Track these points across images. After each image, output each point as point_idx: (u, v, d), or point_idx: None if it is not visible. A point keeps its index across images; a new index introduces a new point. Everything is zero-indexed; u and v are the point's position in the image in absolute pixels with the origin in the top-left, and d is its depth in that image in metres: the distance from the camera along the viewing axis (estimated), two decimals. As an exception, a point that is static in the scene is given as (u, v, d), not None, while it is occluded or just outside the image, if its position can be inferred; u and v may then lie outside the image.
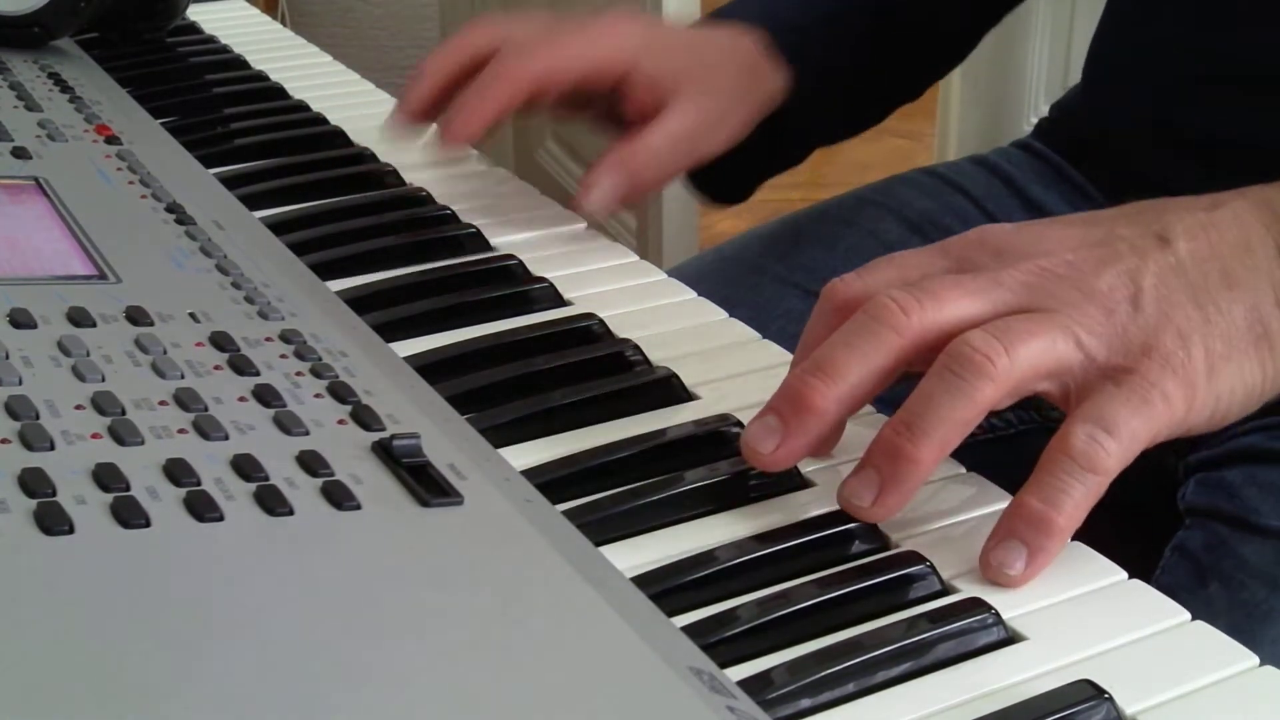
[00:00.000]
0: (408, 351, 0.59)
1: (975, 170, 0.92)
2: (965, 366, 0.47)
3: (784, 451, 0.49)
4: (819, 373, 0.49)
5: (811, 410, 0.49)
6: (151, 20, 0.96)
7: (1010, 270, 0.50)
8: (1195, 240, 0.51)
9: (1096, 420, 0.47)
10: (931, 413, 0.47)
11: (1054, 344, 0.48)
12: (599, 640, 0.40)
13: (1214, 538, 0.67)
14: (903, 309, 0.49)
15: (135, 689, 0.35)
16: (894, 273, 0.52)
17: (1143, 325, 0.49)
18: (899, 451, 0.47)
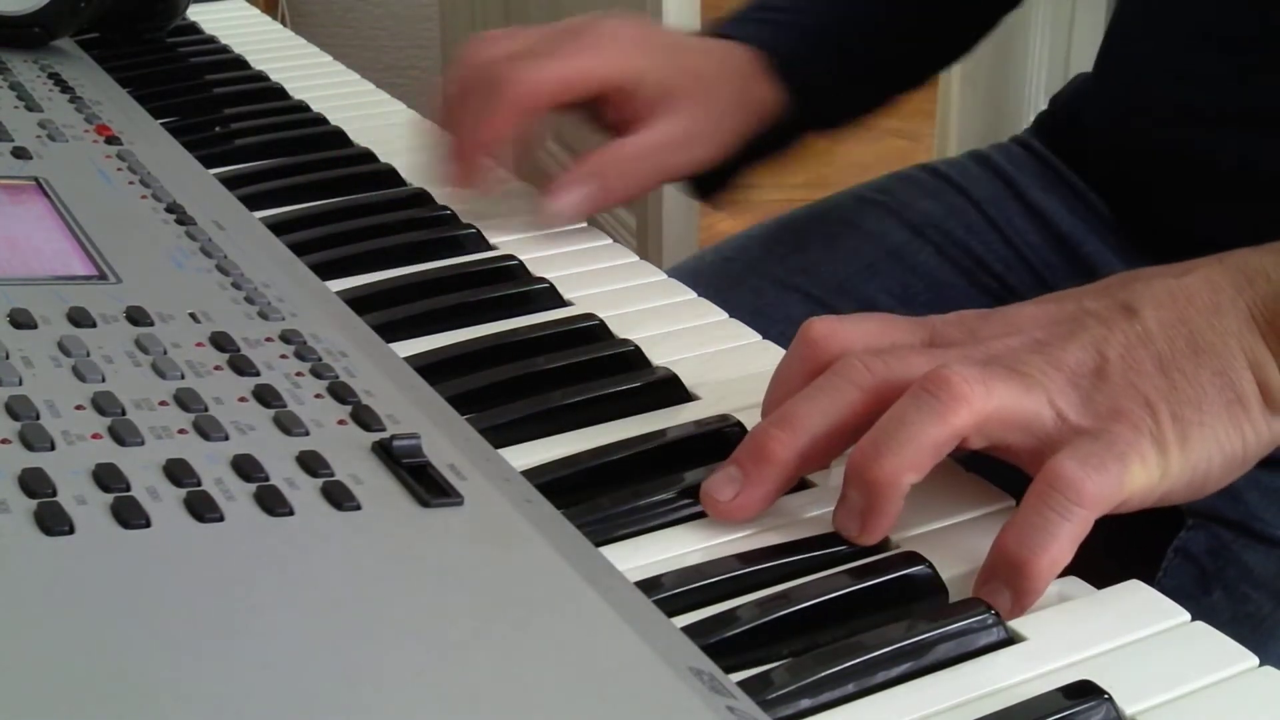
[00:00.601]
0: (408, 351, 0.59)
1: (977, 169, 0.92)
2: (941, 387, 0.47)
3: (742, 499, 0.49)
4: (780, 424, 0.49)
5: (771, 460, 0.49)
6: (151, 20, 0.96)
7: (980, 346, 0.51)
8: (1162, 309, 0.51)
9: (1081, 455, 0.47)
10: (901, 431, 0.47)
11: (1029, 395, 0.48)
12: (599, 640, 0.40)
13: (1216, 542, 0.67)
14: (867, 366, 0.49)
15: (135, 689, 0.35)
16: (870, 327, 0.53)
17: (1108, 394, 0.49)
18: (869, 474, 0.47)
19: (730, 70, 0.77)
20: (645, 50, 0.73)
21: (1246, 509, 0.67)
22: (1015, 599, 0.45)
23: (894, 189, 0.92)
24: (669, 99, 0.73)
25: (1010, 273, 0.86)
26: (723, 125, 0.76)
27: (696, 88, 0.74)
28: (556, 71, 0.70)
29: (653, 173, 0.73)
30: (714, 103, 0.75)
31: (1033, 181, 0.89)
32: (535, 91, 0.70)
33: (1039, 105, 1.93)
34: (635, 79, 0.72)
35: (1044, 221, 0.87)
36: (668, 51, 0.75)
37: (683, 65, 0.75)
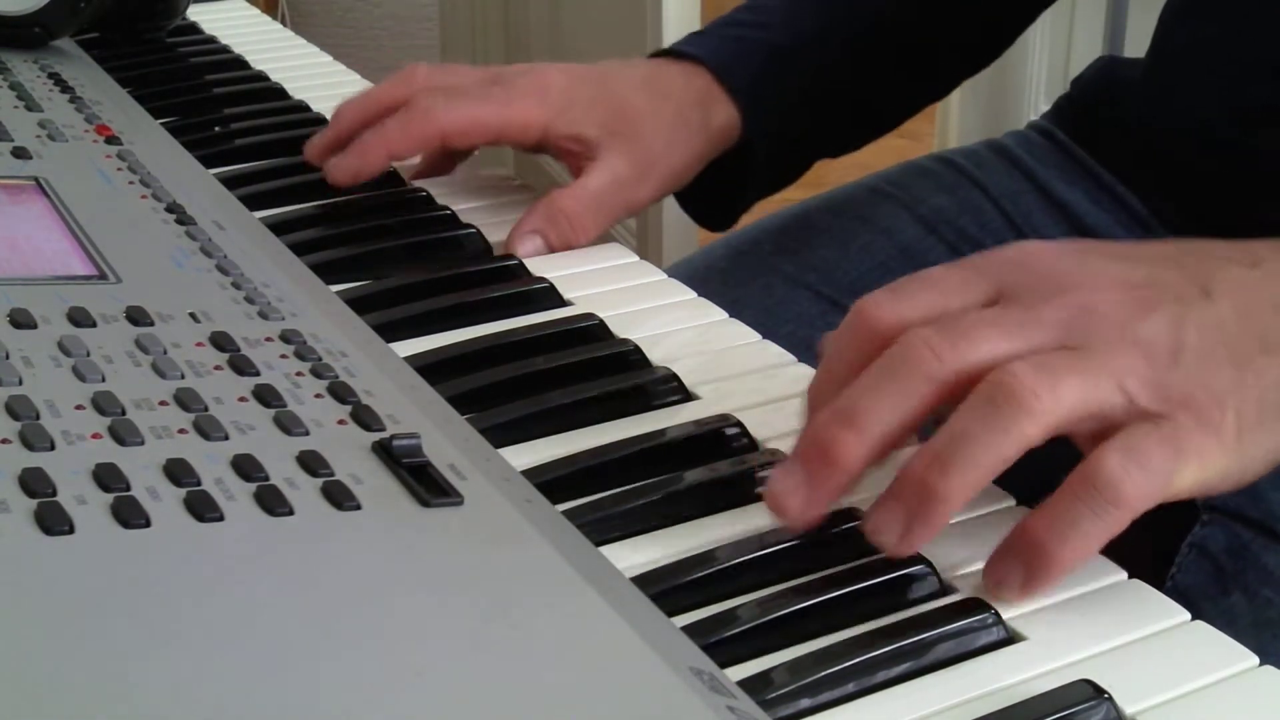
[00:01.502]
0: (408, 351, 0.59)
1: (993, 159, 0.90)
2: (1007, 399, 0.45)
3: (813, 509, 0.47)
4: (846, 423, 0.46)
5: (839, 465, 0.46)
6: (151, 20, 0.96)
7: (1050, 306, 0.48)
8: (1236, 297, 0.50)
9: (1131, 452, 0.45)
10: (967, 448, 0.45)
11: (1098, 385, 0.46)
12: (599, 640, 0.40)
13: (1236, 541, 0.66)
14: (935, 352, 0.46)
15: (136, 689, 0.35)
16: (929, 298, 0.49)
17: (1181, 379, 0.47)
18: (927, 487, 0.45)
19: (676, 97, 0.77)
20: (569, 102, 0.74)
21: (1268, 509, 0.66)
22: (1026, 582, 0.45)
23: (906, 181, 0.91)
24: (599, 142, 0.74)
25: None
26: (671, 155, 0.76)
27: (632, 127, 0.75)
28: (465, 115, 0.73)
29: (600, 217, 0.73)
30: (654, 137, 0.75)
31: (1054, 174, 0.88)
32: (443, 129, 0.73)
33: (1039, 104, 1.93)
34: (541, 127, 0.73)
35: (1066, 215, 0.86)
36: (598, 96, 0.75)
37: (616, 107, 0.75)
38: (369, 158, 0.73)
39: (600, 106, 0.75)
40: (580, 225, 0.72)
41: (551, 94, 0.74)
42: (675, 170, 0.77)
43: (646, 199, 0.77)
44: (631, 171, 0.75)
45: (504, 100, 0.74)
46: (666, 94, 0.77)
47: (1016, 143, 0.91)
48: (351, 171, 0.73)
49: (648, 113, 0.76)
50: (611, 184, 0.74)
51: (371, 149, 0.73)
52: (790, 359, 0.61)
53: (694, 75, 0.79)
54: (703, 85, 0.78)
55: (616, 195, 0.74)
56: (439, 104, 0.72)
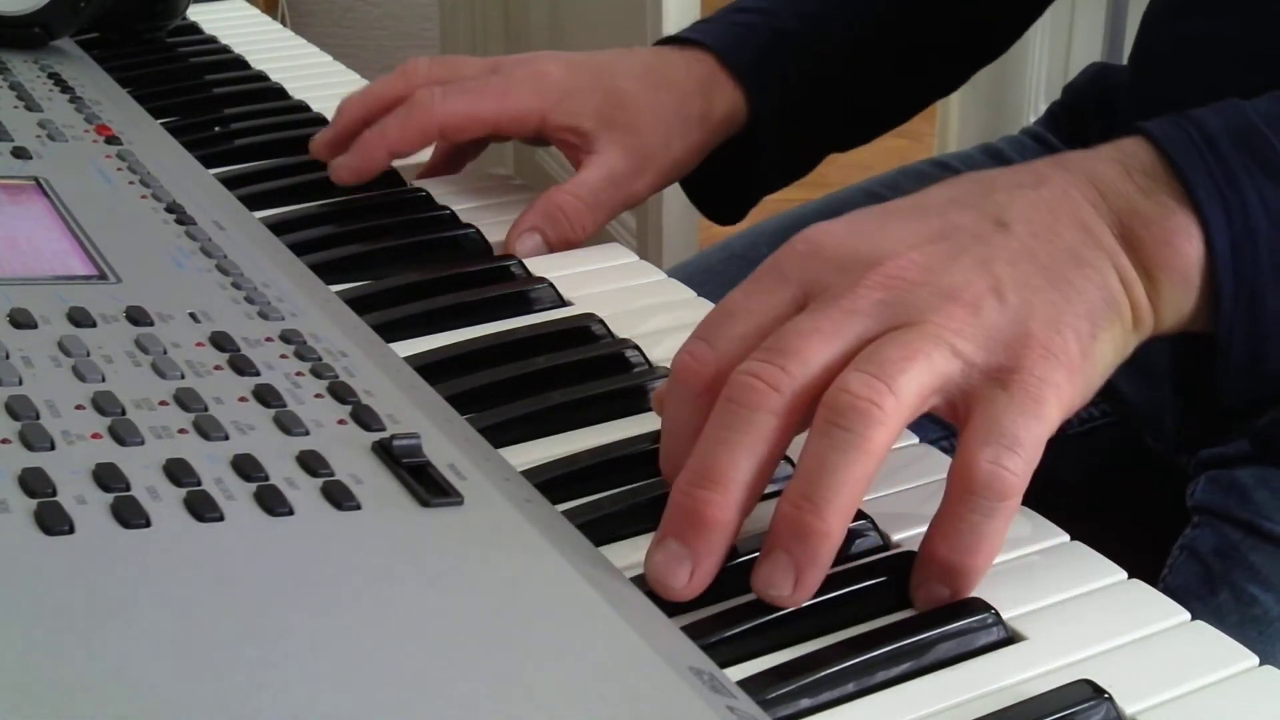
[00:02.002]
0: (408, 351, 0.59)
1: (987, 163, 0.91)
2: (850, 418, 0.44)
3: (699, 578, 0.45)
4: (706, 483, 0.45)
5: (712, 528, 0.44)
6: (151, 20, 0.96)
7: (860, 288, 0.47)
8: (1033, 220, 0.50)
9: (996, 438, 0.45)
10: (829, 477, 0.43)
11: (931, 361, 0.45)
12: (599, 640, 0.40)
13: (1224, 542, 0.67)
14: (769, 384, 0.45)
15: (136, 689, 0.35)
16: (741, 327, 0.48)
17: (1011, 317, 0.47)
18: (806, 528, 0.44)
19: (676, 87, 0.77)
20: (566, 92, 0.74)
21: (1255, 508, 0.67)
22: (954, 595, 0.45)
23: (902, 184, 0.91)
24: (596, 133, 0.74)
25: None
26: (670, 147, 0.76)
27: (629, 118, 0.75)
28: (461, 107, 0.73)
29: (598, 213, 0.73)
30: (652, 128, 0.75)
31: None
32: (440, 123, 0.73)
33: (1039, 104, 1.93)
34: (538, 117, 0.73)
35: None
36: (595, 86, 0.75)
37: (612, 98, 0.75)
38: (370, 156, 0.73)
39: (597, 97, 0.74)
40: (578, 222, 0.72)
41: (548, 84, 0.74)
42: (674, 161, 0.77)
43: (645, 191, 0.76)
44: (628, 165, 0.74)
45: (501, 91, 0.74)
46: (666, 83, 0.77)
47: (1010, 146, 0.92)
48: (354, 170, 0.73)
49: (646, 104, 0.75)
50: (608, 179, 0.74)
51: (372, 147, 0.73)
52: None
53: (696, 62, 0.78)
54: (704, 72, 0.78)
55: (613, 190, 0.74)
56: (436, 98, 0.72)
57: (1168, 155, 0.52)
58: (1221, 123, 0.53)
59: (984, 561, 0.45)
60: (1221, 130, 0.53)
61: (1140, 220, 0.51)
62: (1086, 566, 0.48)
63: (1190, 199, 0.51)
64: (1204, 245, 0.51)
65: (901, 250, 0.48)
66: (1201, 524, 0.68)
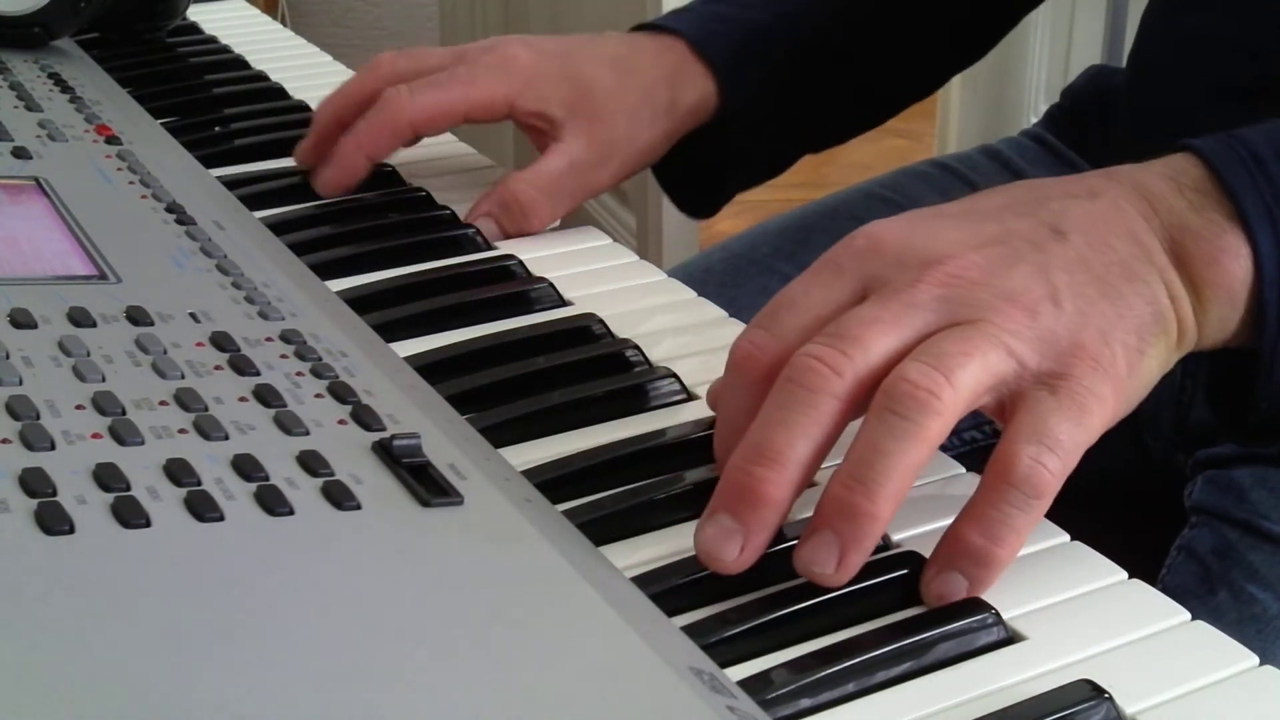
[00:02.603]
0: (408, 351, 0.59)
1: (987, 163, 0.91)
2: (908, 406, 0.45)
3: (749, 552, 0.45)
4: (763, 460, 0.45)
5: (766, 504, 0.45)
6: (151, 20, 0.96)
7: (922, 284, 0.48)
8: (1087, 231, 0.50)
9: (1039, 437, 0.45)
10: (882, 461, 0.44)
11: (988, 359, 0.46)
12: (599, 640, 0.40)
13: (1222, 541, 0.67)
14: (833, 368, 0.46)
15: (136, 689, 0.35)
16: (802, 317, 0.49)
17: (1066, 325, 0.47)
18: (856, 509, 0.44)
19: (644, 74, 0.76)
20: (533, 77, 0.74)
21: (1253, 508, 0.67)
22: (971, 589, 0.45)
23: (902, 185, 0.91)
24: (561, 119, 0.74)
25: None
26: (635, 136, 0.76)
27: (595, 106, 0.74)
28: (430, 102, 0.72)
29: (556, 202, 0.73)
30: (616, 116, 0.75)
31: (1045, 176, 0.88)
32: (410, 121, 0.73)
33: (1039, 104, 1.93)
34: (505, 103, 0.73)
35: None
36: (562, 74, 0.74)
37: (579, 85, 0.74)
38: (348, 165, 0.73)
39: (564, 85, 0.74)
40: (534, 210, 0.72)
41: (515, 69, 0.74)
42: (639, 151, 0.76)
43: (608, 181, 0.76)
44: (591, 154, 0.74)
45: (467, 80, 0.73)
46: (634, 71, 0.76)
47: (1008, 148, 0.92)
48: (335, 182, 0.73)
49: (613, 91, 0.75)
50: (568, 168, 0.73)
51: (349, 156, 0.73)
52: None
53: (667, 51, 0.78)
54: (675, 61, 0.78)
55: (574, 179, 0.74)
56: (403, 97, 0.72)
57: (1217, 173, 0.52)
58: (1270, 143, 0.53)
59: (1008, 553, 0.45)
60: (1270, 151, 0.53)
61: (1191, 236, 0.51)
62: (1086, 566, 0.48)
63: (1240, 217, 0.52)
64: (1252, 265, 0.51)
65: (962, 251, 0.49)
66: (1199, 524, 0.68)
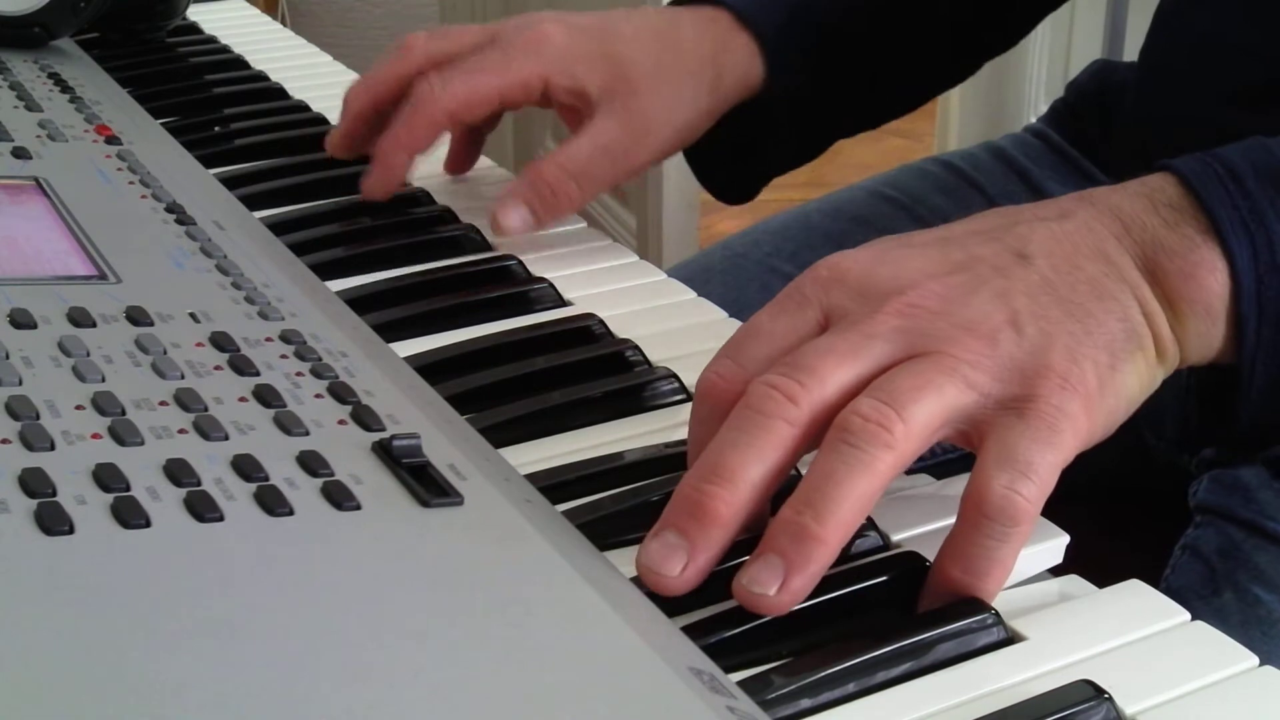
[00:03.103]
0: (408, 351, 0.59)
1: (990, 161, 0.91)
2: (860, 437, 0.44)
3: (692, 570, 0.44)
4: (714, 478, 0.45)
5: (714, 521, 0.44)
6: (151, 20, 0.96)
7: (880, 315, 0.48)
8: (1054, 255, 0.50)
9: (1010, 464, 0.45)
10: (833, 488, 0.44)
11: (943, 393, 0.46)
12: (599, 640, 0.40)
13: (1227, 541, 0.66)
14: (788, 396, 0.46)
15: (136, 689, 0.35)
16: (765, 347, 0.49)
17: (1029, 349, 0.47)
18: (803, 531, 0.43)
19: (686, 51, 0.74)
20: (568, 56, 0.71)
21: (1258, 508, 0.67)
22: None
23: (905, 183, 0.91)
24: (597, 99, 0.71)
25: None
26: (674, 116, 0.73)
27: (630, 86, 0.72)
28: (465, 89, 0.70)
29: (588, 184, 0.71)
30: (654, 96, 0.72)
31: (1049, 174, 0.88)
32: (447, 111, 0.70)
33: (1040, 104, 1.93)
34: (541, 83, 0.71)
35: None
36: (598, 51, 0.72)
37: (616, 64, 0.72)
38: (391, 165, 0.71)
39: (601, 63, 0.72)
40: (562, 192, 0.70)
41: (550, 48, 0.71)
42: (678, 130, 0.74)
43: (645, 162, 0.74)
44: (625, 137, 0.72)
45: (501, 64, 0.71)
46: (674, 48, 0.74)
47: (1012, 145, 0.92)
48: (382, 185, 0.71)
49: (651, 70, 0.73)
50: (601, 150, 0.71)
51: (390, 155, 0.71)
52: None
53: (710, 23, 0.76)
54: (717, 36, 0.75)
55: (606, 162, 0.72)
56: (437, 86, 0.70)
57: (1194, 190, 0.52)
58: (1248, 160, 0.53)
59: (995, 585, 0.45)
60: (1248, 167, 0.53)
61: (1165, 253, 0.51)
62: (1086, 566, 0.48)
63: (1216, 233, 0.51)
64: (1229, 279, 0.51)
65: (921, 280, 0.48)
66: (1204, 523, 0.68)
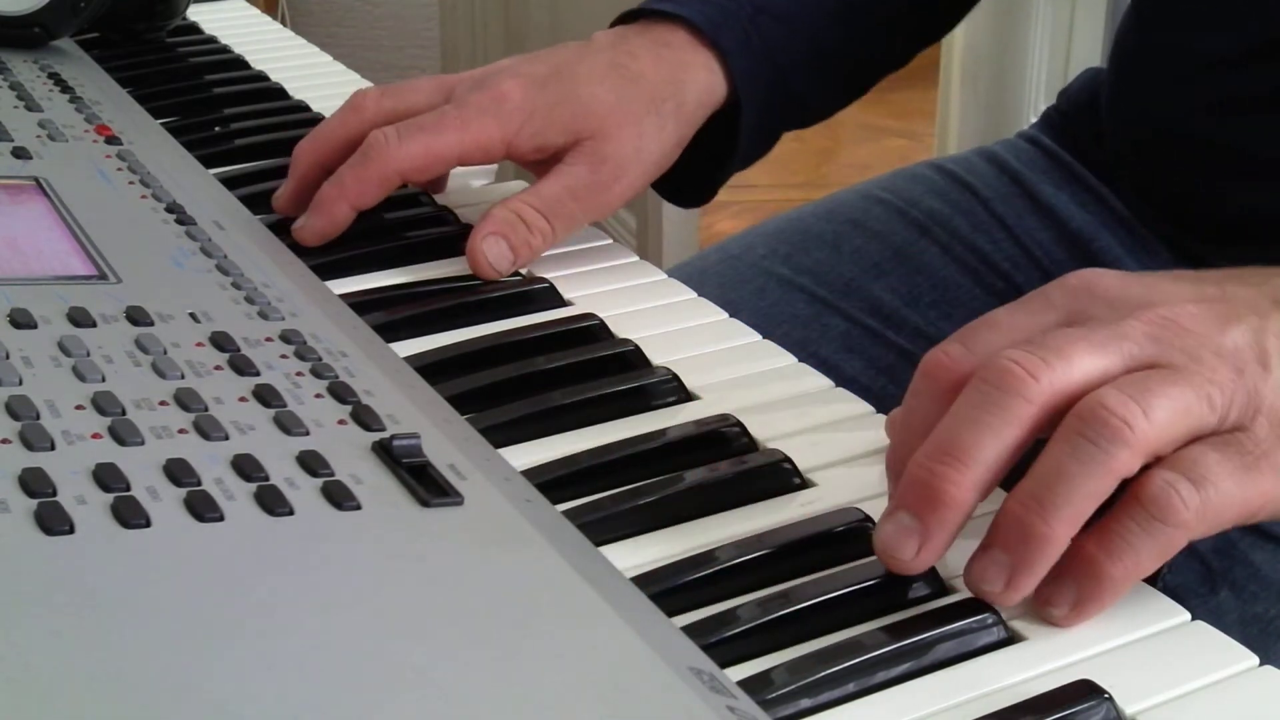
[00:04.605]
0: (408, 351, 0.59)
1: (983, 165, 0.91)
2: (1100, 431, 0.43)
3: (928, 553, 0.44)
4: (948, 458, 0.44)
5: (949, 504, 0.44)
6: (151, 20, 0.96)
7: (1133, 320, 0.46)
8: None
9: (1185, 467, 0.44)
10: (1064, 484, 0.43)
11: (1190, 405, 0.44)
12: (599, 640, 0.40)
13: (1223, 540, 0.66)
14: (1029, 372, 0.44)
15: (136, 689, 0.35)
16: (1002, 336, 0.48)
17: (1273, 388, 0.46)
18: (1031, 530, 0.43)
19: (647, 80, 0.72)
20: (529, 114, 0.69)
21: None
22: (1078, 601, 0.44)
23: (900, 186, 0.91)
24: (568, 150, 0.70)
25: (1018, 271, 0.86)
26: (645, 150, 0.71)
27: (598, 127, 0.70)
28: (419, 149, 0.68)
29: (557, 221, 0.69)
30: (622, 132, 0.70)
31: (1042, 178, 0.88)
32: (399, 169, 0.68)
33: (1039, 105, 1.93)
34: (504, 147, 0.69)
35: (1054, 219, 0.86)
36: (560, 99, 0.70)
37: (578, 108, 0.70)
38: (331, 214, 0.68)
39: (563, 110, 0.70)
40: (537, 227, 0.68)
41: (509, 108, 0.69)
42: (648, 166, 0.72)
43: (618, 200, 0.72)
44: (593, 178, 0.70)
45: (459, 124, 0.69)
46: (635, 79, 0.72)
47: (1005, 150, 0.92)
48: (318, 232, 0.68)
49: (615, 107, 0.71)
50: (567, 191, 0.69)
51: (332, 204, 0.68)
52: (790, 359, 0.61)
53: (664, 47, 0.74)
54: (674, 58, 0.74)
55: (574, 203, 0.69)
56: (391, 143, 0.68)
57: None
58: None
59: (1119, 572, 0.44)
60: None
61: None
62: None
63: None
64: None
65: (1177, 300, 0.47)
66: None
